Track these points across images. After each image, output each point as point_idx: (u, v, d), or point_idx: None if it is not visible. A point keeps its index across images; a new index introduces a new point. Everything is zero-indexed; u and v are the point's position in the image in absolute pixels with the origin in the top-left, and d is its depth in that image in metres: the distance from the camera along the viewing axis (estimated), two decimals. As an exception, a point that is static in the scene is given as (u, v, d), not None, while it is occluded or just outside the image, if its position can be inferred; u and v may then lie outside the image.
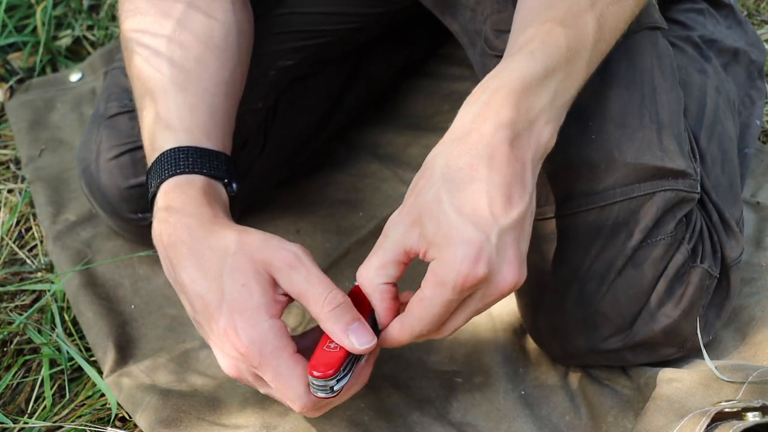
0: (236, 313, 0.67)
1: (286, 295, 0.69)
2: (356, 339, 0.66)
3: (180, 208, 0.71)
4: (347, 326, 0.66)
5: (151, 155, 0.76)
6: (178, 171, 0.72)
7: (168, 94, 0.76)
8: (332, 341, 0.67)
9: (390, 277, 0.67)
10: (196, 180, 0.73)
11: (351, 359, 0.68)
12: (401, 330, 0.67)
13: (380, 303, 0.68)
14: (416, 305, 0.66)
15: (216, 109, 0.77)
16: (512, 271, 0.64)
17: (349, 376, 0.68)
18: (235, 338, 0.67)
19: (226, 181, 0.75)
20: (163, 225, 0.72)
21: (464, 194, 0.63)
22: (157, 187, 0.74)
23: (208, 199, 0.72)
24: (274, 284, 0.68)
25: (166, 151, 0.74)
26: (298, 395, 0.67)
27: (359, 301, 0.69)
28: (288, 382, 0.67)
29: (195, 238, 0.70)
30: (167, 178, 0.73)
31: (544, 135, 0.67)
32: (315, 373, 0.66)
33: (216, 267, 0.68)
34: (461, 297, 0.64)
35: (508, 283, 0.65)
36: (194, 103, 0.76)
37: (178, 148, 0.73)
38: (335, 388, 0.67)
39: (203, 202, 0.72)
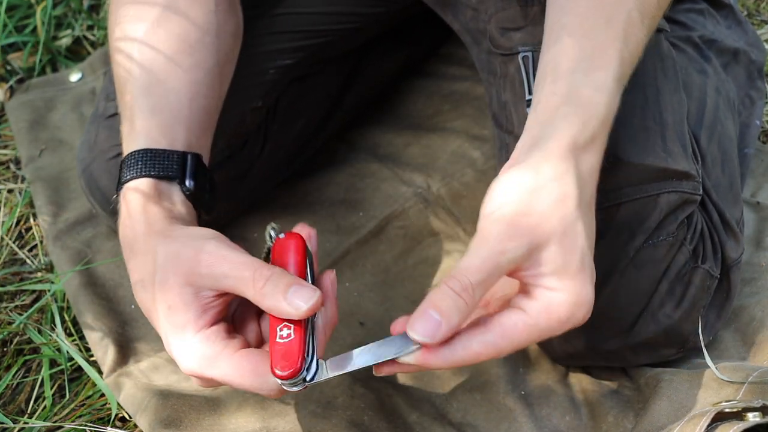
0: (169, 334, 0.65)
1: (220, 295, 0.66)
2: (298, 300, 0.62)
3: (127, 214, 0.71)
4: (284, 295, 0.62)
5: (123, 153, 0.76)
6: (129, 177, 0.72)
7: (134, 96, 0.77)
8: (281, 328, 0.63)
9: (485, 294, 0.60)
10: (142, 184, 0.72)
11: (309, 337, 0.63)
12: (484, 350, 0.59)
13: (466, 316, 0.59)
14: (519, 330, 0.59)
15: (181, 108, 0.77)
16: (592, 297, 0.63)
17: (314, 358, 0.63)
18: (174, 358, 0.66)
19: (178, 180, 0.73)
20: (119, 229, 0.72)
21: (591, 233, 0.62)
22: (118, 192, 0.74)
23: (154, 202, 0.71)
24: (198, 293, 0.65)
25: (125, 156, 0.74)
26: (258, 388, 0.64)
27: (288, 255, 0.65)
28: (240, 382, 0.64)
29: (133, 244, 0.70)
30: (122, 185, 0.73)
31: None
32: (279, 373, 0.61)
33: (147, 279, 0.68)
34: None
35: (586, 313, 0.63)
36: (156, 104, 0.76)
37: (132, 153, 0.73)
38: (308, 379, 0.63)
39: (146, 207, 0.71)
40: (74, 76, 1.28)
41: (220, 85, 0.83)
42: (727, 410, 0.70)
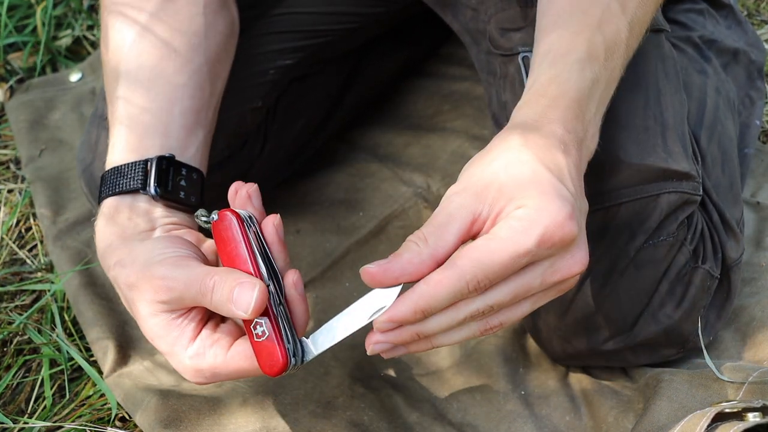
0: (167, 357, 0.67)
1: (190, 307, 0.67)
2: (243, 302, 0.61)
3: (97, 238, 0.73)
4: (230, 301, 0.61)
5: None
6: (99, 199, 0.74)
7: (114, 105, 0.78)
8: (254, 326, 0.63)
9: (447, 246, 0.58)
10: (105, 205, 0.73)
11: (284, 324, 0.63)
12: (444, 277, 0.57)
13: (422, 260, 0.58)
14: (479, 247, 0.57)
15: (162, 115, 0.78)
16: (585, 253, 0.60)
17: (296, 341, 0.63)
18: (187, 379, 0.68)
19: (141, 190, 0.74)
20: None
21: (549, 161, 0.59)
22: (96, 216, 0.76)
23: (111, 221, 0.73)
24: (167, 314, 0.66)
25: (100, 179, 0.75)
26: (258, 372, 0.65)
27: (227, 242, 0.65)
28: (245, 373, 0.65)
29: (107, 271, 0.71)
30: (96, 210, 0.75)
31: (592, 147, 0.67)
32: (269, 372, 0.63)
33: (128, 306, 0.70)
34: (533, 258, 0.58)
35: (580, 265, 0.60)
36: (134, 114, 0.77)
37: (102, 174, 0.75)
38: (297, 363, 0.63)
39: (104, 230, 0.72)
40: (74, 76, 1.28)
41: (211, 83, 0.83)
42: (727, 410, 0.70)
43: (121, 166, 0.74)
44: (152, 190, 0.73)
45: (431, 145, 1.12)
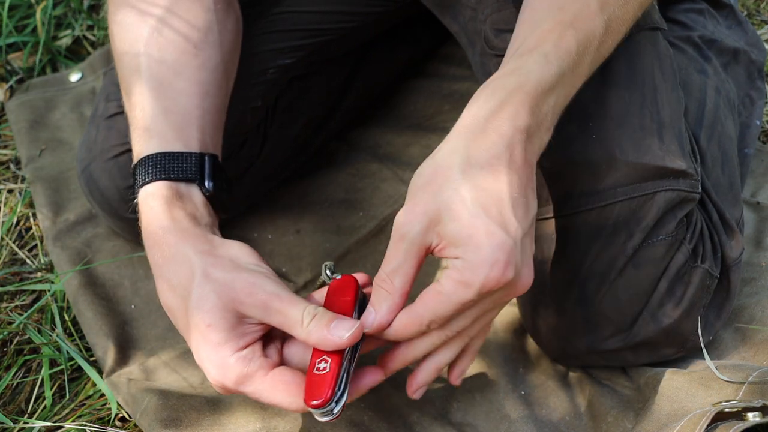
0: (202, 346, 0.67)
1: (263, 323, 0.68)
2: (339, 332, 0.65)
3: (153, 215, 0.72)
4: (328, 328, 0.66)
5: (134, 162, 0.77)
6: (147, 179, 0.73)
7: (144, 98, 0.77)
8: (320, 361, 0.67)
9: (410, 279, 0.66)
10: (162, 187, 0.73)
11: (343, 373, 0.67)
12: (409, 321, 0.66)
13: (395, 303, 0.67)
14: (431, 298, 0.65)
15: (192, 109, 0.78)
16: (530, 272, 0.65)
17: (345, 392, 0.67)
18: (204, 369, 0.68)
19: (198, 182, 0.74)
20: (142, 233, 0.73)
21: (487, 194, 0.62)
22: (136, 197, 0.75)
23: (177, 205, 0.72)
24: (242, 319, 0.68)
25: (140, 160, 0.75)
26: (288, 406, 0.68)
27: (339, 296, 0.70)
28: (270, 399, 0.67)
29: (162, 246, 0.70)
30: (140, 188, 0.74)
31: (545, 139, 0.68)
32: (312, 402, 0.65)
33: (180, 286, 0.69)
34: (481, 299, 0.64)
35: (525, 285, 0.65)
36: (168, 106, 0.77)
37: (148, 156, 0.74)
38: (335, 411, 0.67)
39: (170, 210, 0.72)
40: (74, 76, 1.28)
41: (226, 82, 0.83)
42: (727, 410, 0.70)
43: (172, 153, 0.74)
44: (208, 185, 0.74)
45: (431, 145, 1.11)
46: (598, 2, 0.69)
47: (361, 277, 0.74)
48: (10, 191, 1.14)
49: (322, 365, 0.66)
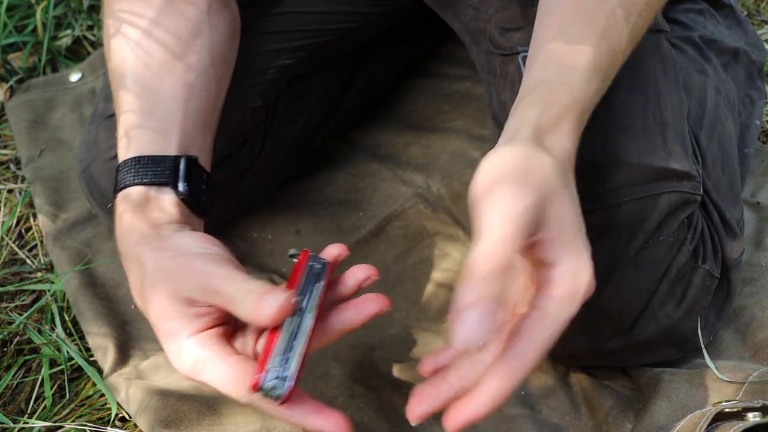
0: (160, 337, 0.67)
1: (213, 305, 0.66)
2: (264, 304, 0.60)
3: (119, 222, 0.72)
4: (257, 302, 0.61)
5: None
6: (122, 185, 0.73)
7: (127, 103, 0.77)
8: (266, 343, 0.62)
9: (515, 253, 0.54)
10: (133, 192, 0.73)
11: (281, 350, 0.60)
12: (513, 372, 0.55)
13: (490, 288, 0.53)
14: (535, 328, 0.56)
15: (175, 112, 0.77)
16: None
17: (289, 370, 0.60)
18: (171, 363, 0.66)
19: (170, 185, 0.73)
20: (116, 237, 0.73)
21: (575, 197, 0.60)
22: (114, 202, 0.75)
23: (142, 210, 0.72)
24: (192, 303, 0.65)
25: (118, 166, 0.75)
26: (240, 397, 0.63)
27: (293, 273, 0.66)
28: (224, 388, 0.63)
29: (126, 253, 0.71)
30: (117, 193, 0.74)
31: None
32: (250, 385, 0.60)
33: (139, 286, 0.69)
34: None
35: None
36: (150, 110, 0.77)
37: (125, 161, 0.74)
38: (276, 392, 0.59)
39: (134, 216, 0.72)
40: (74, 76, 1.28)
41: (216, 84, 0.83)
42: (727, 410, 0.70)
43: (147, 156, 0.74)
44: (181, 188, 0.73)
45: (431, 145, 1.12)
46: (623, 11, 0.68)
47: (335, 248, 0.70)
48: (10, 191, 1.14)
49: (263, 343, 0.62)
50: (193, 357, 0.64)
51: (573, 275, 0.57)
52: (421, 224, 1.02)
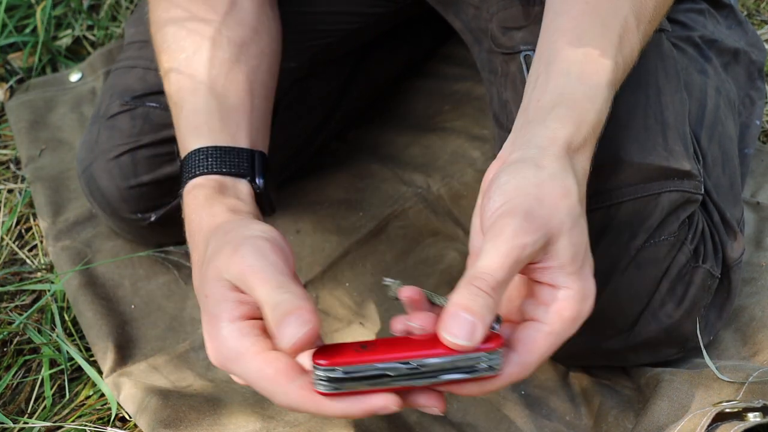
0: (203, 319, 0.64)
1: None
2: (288, 334, 0.56)
3: (192, 209, 0.72)
4: (278, 327, 0.57)
5: (181, 156, 0.77)
6: (198, 172, 0.73)
7: (198, 96, 0.78)
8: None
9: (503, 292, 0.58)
10: (211, 181, 0.73)
11: (371, 372, 0.57)
12: (511, 377, 0.59)
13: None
14: (542, 341, 0.60)
15: (241, 108, 0.79)
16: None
17: (358, 385, 0.57)
18: (207, 350, 0.64)
19: (249, 177, 0.75)
20: (185, 224, 0.73)
21: (584, 222, 0.62)
22: (183, 188, 0.75)
23: (220, 198, 0.72)
24: (236, 288, 0.62)
25: (190, 153, 0.75)
26: (268, 394, 0.60)
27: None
28: (255, 384, 0.60)
29: (193, 237, 0.70)
30: (188, 180, 0.74)
31: None
32: (317, 360, 0.57)
33: (197, 264, 0.68)
34: None
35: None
36: (221, 104, 0.77)
37: (199, 149, 0.74)
38: (342, 386, 0.57)
39: (209, 205, 0.71)
40: (74, 76, 1.28)
41: (271, 84, 0.84)
42: (727, 410, 0.70)
43: (225, 147, 0.74)
44: (259, 181, 0.74)
45: (431, 145, 1.12)
46: (635, 19, 0.69)
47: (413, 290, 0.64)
48: (10, 191, 1.14)
49: (365, 345, 0.58)
50: (229, 345, 0.60)
51: (580, 300, 0.59)
52: (421, 224, 1.02)
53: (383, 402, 0.58)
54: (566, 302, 0.59)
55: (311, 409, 0.59)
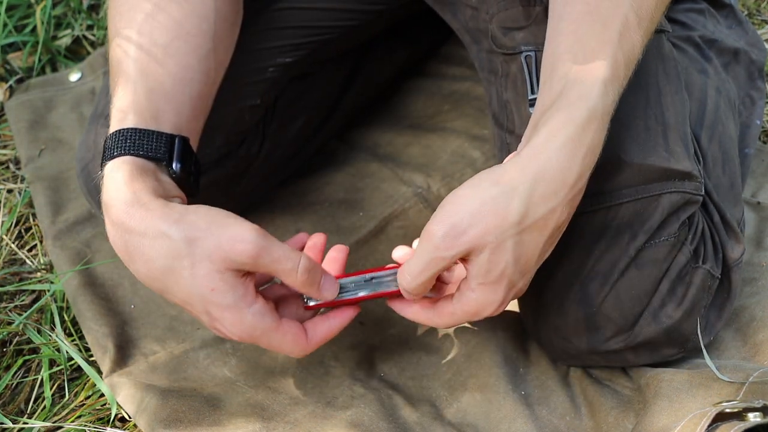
0: (217, 311, 0.69)
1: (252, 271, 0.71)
2: (326, 292, 0.74)
3: (111, 192, 0.71)
4: (319, 287, 0.73)
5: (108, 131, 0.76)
6: (115, 153, 0.72)
7: (129, 78, 0.77)
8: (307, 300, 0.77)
9: (426, 289, 0.73)
10: (128, 162, 0.72)
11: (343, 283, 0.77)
12: (426, 318, 0.76)
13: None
14: (446, 312, 0.74)
15: (174, 92, 0.78)
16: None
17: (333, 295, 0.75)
18: (225, 331, 0.71)
19: (165, 162, 0.74)
20: (102, 207, 0.72)
21: (526, 250, 0.68)
22: (102, 171, 0.73)
23: (138, 179, 0.71)
24: (241, 273, 0.69)
25: (111, 134, 0.74)
26: (292, 351, 0.74)
27: None
28: (282, 347, 0.74)
29: (126, 226, 0.69)
30: (106, 162, 0.72)
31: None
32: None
33: (160, 258, 0.68)
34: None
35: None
36: (150, 86, 0.77)
37: (119, 130, 0.73)
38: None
39: (130, 185, 0.70)
40: (74, 76, 1.28)
41: (215, 71, 0.83)
42: (727, 410, 0.70)
43: (143, 130, 0.74)
44: (175, 167, 0.74)
45: (431, 145, 1.12)
46: (635, 15, 0.69)
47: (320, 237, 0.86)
48: (9, 191, 1.14)
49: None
50: (255, 326, 0.71)
51: (482, 306, 0.71)
52: (421, 224, 1.01)
53: (352, 311, 0.77)
54: (470, 303, 0.71)
55: (316, 345, 0.76)
